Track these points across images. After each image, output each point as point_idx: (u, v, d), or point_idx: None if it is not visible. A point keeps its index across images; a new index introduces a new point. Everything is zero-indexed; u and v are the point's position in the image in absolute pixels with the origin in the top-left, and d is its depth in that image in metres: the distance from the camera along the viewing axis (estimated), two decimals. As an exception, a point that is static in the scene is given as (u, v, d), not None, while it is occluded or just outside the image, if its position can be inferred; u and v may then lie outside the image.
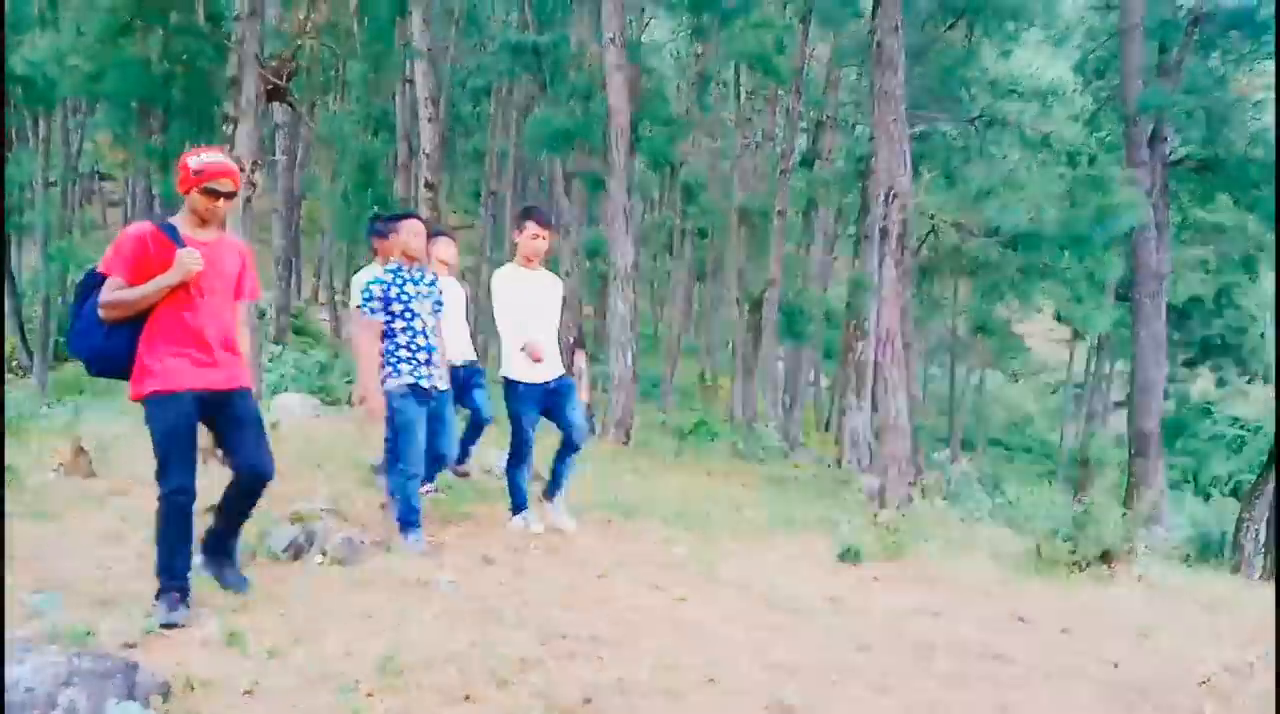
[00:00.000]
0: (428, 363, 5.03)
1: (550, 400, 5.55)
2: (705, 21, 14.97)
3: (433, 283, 5.21)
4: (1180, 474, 26.61)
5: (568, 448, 5.66)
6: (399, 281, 5.04)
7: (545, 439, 6.00)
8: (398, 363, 4.99)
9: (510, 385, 5.43)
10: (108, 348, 3.47)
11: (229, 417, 3.66)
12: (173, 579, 3.57)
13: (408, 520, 4.99)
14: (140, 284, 3.41)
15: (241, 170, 9.51)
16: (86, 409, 9.95)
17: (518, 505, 5.61)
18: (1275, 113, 10.13)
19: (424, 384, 5.00)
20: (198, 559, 3.83)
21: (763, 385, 19.33)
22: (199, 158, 3.52)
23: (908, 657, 4.29)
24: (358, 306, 5.71)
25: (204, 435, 3.76)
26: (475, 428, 6.51)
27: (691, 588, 4.91)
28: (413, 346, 5.02)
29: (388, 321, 5.00)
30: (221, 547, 3.93)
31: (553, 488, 5.73)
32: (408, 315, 5.00)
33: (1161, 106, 12.88)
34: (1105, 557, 7.37)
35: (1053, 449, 30.40)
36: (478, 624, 3.96)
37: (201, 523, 3.85)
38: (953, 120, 17.33)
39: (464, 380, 6.08)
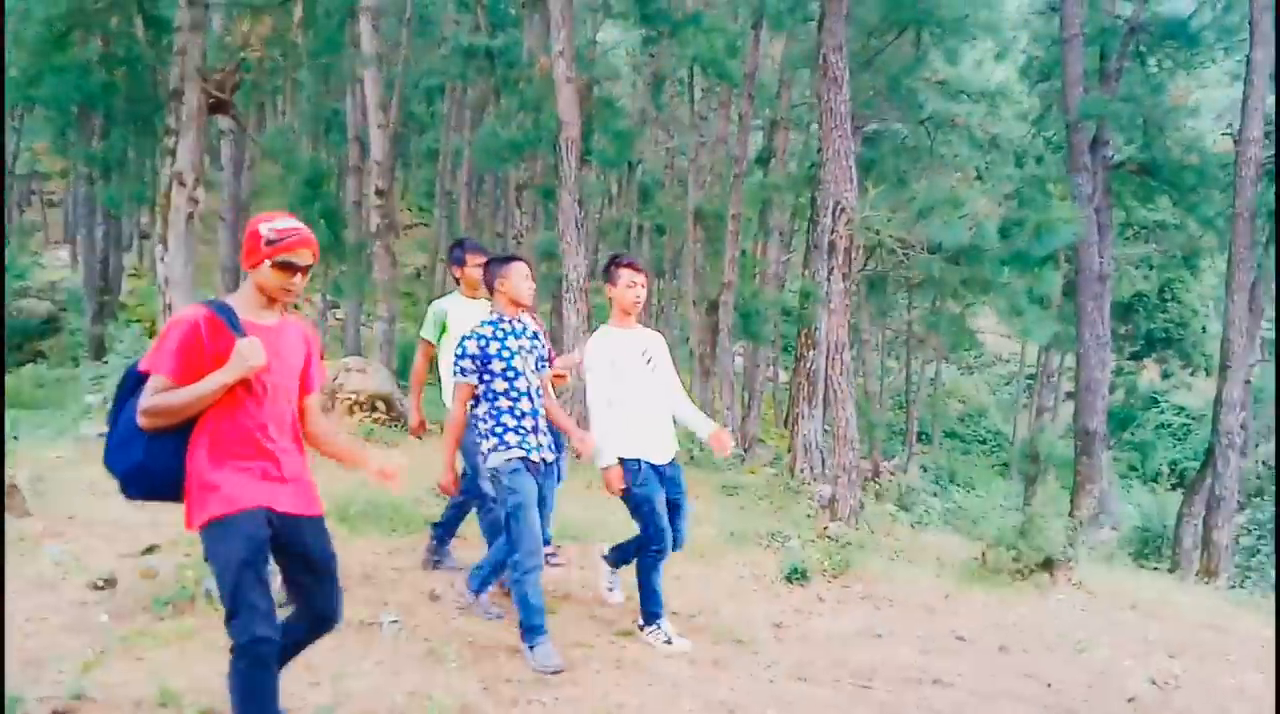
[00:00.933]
0: (534, 431, 4.24)
1: (667, 487, 4.66)
2: (658, 29, 14.99)
3: (536, 336, 4.43)
4: (1127, 465, 27.44)
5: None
6: (499, 335, 4.23)
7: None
8: (504, 433, 4.18)
9: (629, 465, 4.49)
10: (151, 463, 2.80)
11: (301, 554, 2.97)
12: None
13: (532, 626, 4.14)
14: (190, 383, 2.75)
15: (183, 185, 9.42)
16: (21, 426, 9.73)
17: (652, 612, 4.64)
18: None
19: (534, 456, 4.21)
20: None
21: (721, 383, 19.46)
22: (271, 224, 2.88)
23: (846, 687, 4.38)
24: (425, 338, 5.26)
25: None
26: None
27: (637, 620, 4.95)
28: (518, 412, 4.21)
29: (485, 383, 4.21)
30: None
31: (656, 609, 4.65)
32: (510, 374, 4.20)
33: (1101, 114, 13.24)
34: (1047, 564, 7.61)
35: (1006, 441, 31.02)
36: (421, 669, 3.97)
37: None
38: (904, 121, 17.59)
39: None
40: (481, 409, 4.24)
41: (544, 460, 4.28)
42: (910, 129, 17.88)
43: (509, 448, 4.16)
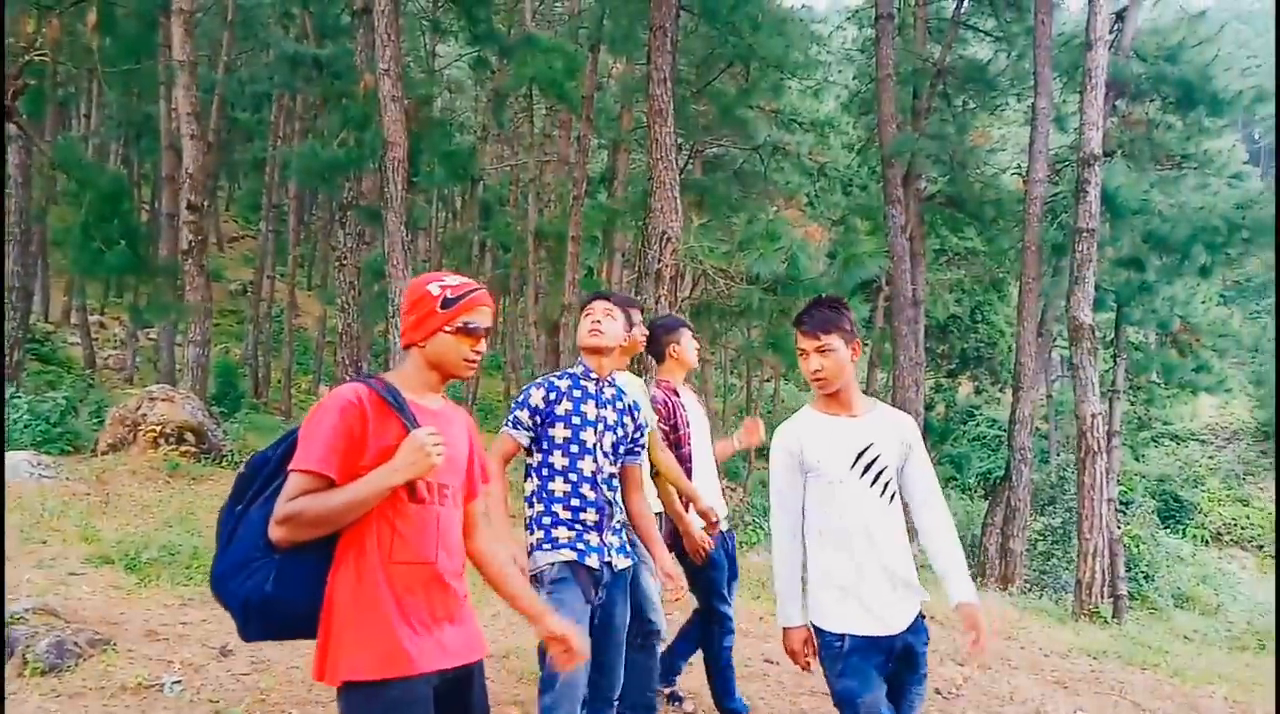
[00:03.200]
0: (597, 528, 3.23)
1: (896, 667, 2.85)
2: (492, 49, 14.91)
3: (630, 411, 3.41)
4: (946, 476, 29.48)
5: None
6: (575, 395, 3.29)
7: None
8: (552, 525, 3.18)
9: (825, 640, 2.81)
10: (284, 593, 2.05)
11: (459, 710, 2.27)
12: None
13: None
14: (347, 482, 2.07)
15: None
16: None
17: None
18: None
19: (591, 561, 3.17)
20: None
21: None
22: (442, 282, 2.27)
23: None
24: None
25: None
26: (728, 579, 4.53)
27: None
28: (577, 500, 3.21)
29: (541, 453, 3.25)
30: None
31: None
32: (573, 449, 3.22)
33: (911, 150, 14.25)
34: (858, 580, 8.02)
35: (838, 453, 32.66)
36: (201, 733, 3.73)
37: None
38: (740, 147, 18.29)
39: (730, 551, 4.43)
40: (530, 486, 3.27)
41: (611, 565, 3.24)
42: (746, 155, 18.58)
43: (555, 547, 3.17)
